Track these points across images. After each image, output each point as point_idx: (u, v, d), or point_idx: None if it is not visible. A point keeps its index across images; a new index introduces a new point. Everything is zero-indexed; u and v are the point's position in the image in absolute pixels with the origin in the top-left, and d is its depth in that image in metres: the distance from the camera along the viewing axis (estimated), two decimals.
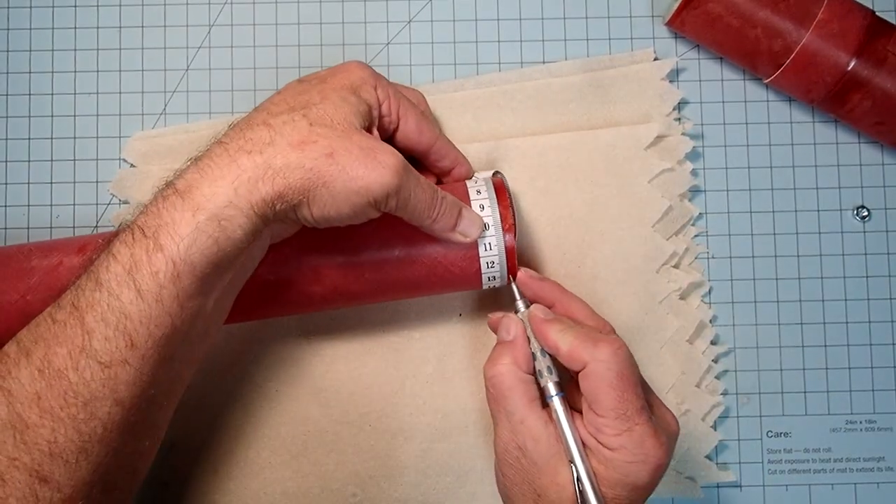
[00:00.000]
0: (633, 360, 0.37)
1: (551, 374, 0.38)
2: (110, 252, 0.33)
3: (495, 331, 0.41)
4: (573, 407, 0.38)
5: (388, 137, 0.41)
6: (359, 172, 0.34)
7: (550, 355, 0.39)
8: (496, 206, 0.41)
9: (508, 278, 0.41)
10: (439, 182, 0.44)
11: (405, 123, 0.40)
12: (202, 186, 0.33)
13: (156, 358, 0.33)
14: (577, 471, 0.36)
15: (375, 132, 0.39)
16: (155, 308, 0.32)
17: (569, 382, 0.39)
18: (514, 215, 0.41)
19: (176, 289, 0.33)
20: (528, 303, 0.41)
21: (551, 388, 0.38)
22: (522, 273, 0.41)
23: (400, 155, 0.36)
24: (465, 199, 0.41)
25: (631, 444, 0.36)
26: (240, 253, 0.34)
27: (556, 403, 0.38)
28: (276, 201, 0.34)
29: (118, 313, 0.32)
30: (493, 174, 0.43)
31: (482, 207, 0.40)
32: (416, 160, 0.43)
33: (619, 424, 0.36)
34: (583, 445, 0.37)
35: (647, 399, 0.37)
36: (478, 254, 0.40)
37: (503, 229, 0.40)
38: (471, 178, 0.44)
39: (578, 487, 0.36)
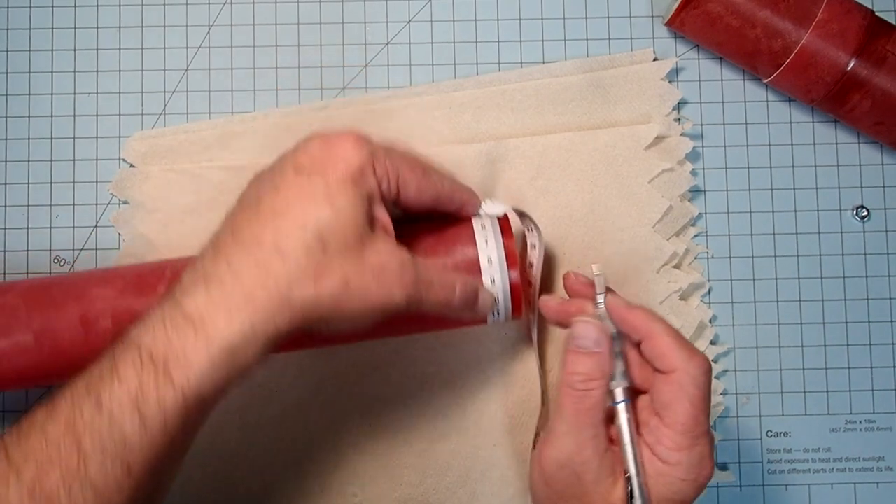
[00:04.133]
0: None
1: (624, 378, 0.37)
2: (115, 371, 0.31)
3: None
4: None
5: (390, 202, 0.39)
6: (372, 294, 0.34)
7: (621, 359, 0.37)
8: (500, 242, 0.40)
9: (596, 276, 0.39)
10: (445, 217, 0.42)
11: (405, 191, 0.38)
12: (216, 319, 0.32)
13: (152, 481, 0.32)
14: (633, 487, 0.35)
15: (379, 209, 0.37)
16: (158, 437, 0.31)
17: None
18: (530, 249, 0.40)
19: (182, 420, 0.32)
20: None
21: (619, 394, 0.37)
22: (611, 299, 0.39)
23: (410, 266, 0.35)
24: (472, 238, 0.40)
25: (688, 462, 0.35)
26: (248, 375, 0.33)
27: (623, 411, 0.37)
28: (291, 330, 0.33)
29: (118, 443, 0.31)
30: (503, 214, 0.42)
31: (486, 242, 0.40)
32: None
33: (684, 441, 0.35)
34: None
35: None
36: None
37: (507, 265, 0.40)
38: (478, 210, 0.42)
39: None
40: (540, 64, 0.49)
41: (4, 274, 0.48)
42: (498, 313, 0.41)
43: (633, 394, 0.38)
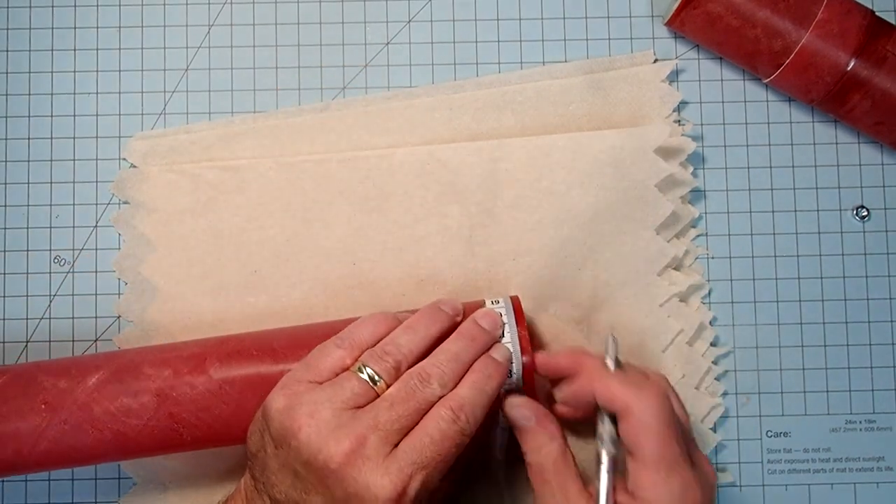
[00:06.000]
0: (674, 407, 0.37)
1: (612, 445, 0.37)
2: None
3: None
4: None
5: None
6: None
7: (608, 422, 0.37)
8: (515, 329, 0.41)
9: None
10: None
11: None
12: None
13: None
14: None
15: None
16: None
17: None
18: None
19: None
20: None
21: (604, 458, 0.37)
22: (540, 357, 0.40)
23: None
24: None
25: (669, 495, 0.35)
26: None
27: (603, 472, 0.36)
28: None
29: None
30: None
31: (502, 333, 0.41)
32: None
33: (658, 475, 0.35)
34: None
35: (687, 449, 0.36)
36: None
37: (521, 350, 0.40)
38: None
39: None
40: (540, 65, 0.49)
41: (4, 274, 0.48)
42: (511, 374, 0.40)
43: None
